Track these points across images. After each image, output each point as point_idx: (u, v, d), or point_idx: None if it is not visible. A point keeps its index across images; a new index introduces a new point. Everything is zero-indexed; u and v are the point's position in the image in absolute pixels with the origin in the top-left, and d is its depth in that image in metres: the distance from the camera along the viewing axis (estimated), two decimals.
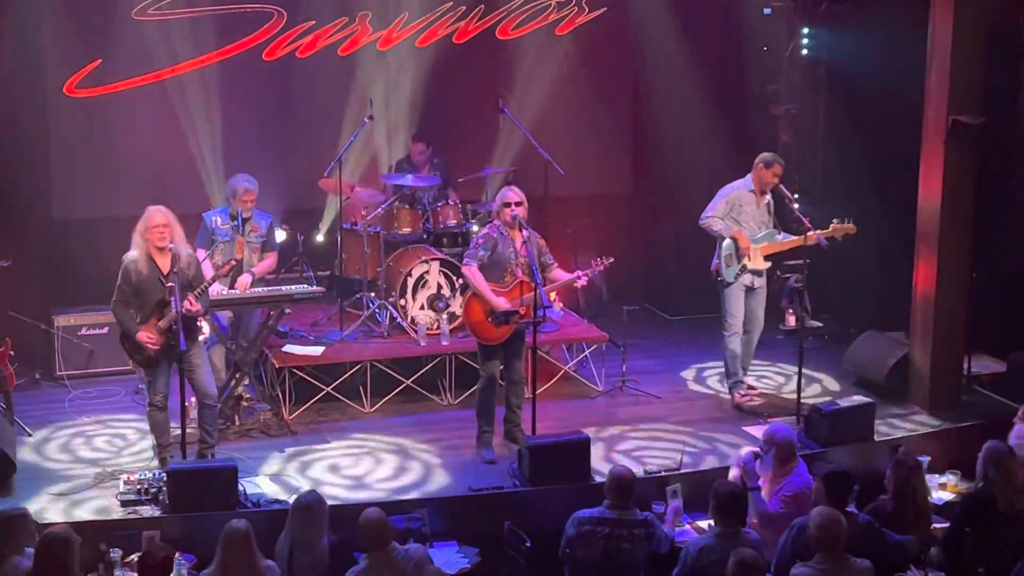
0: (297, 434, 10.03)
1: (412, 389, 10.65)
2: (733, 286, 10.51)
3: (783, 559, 7.56)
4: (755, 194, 10.47)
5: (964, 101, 10.12)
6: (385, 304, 11.05)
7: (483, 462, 9.57)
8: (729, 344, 10.59)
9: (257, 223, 10.19)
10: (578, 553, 7.80)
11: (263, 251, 10.26)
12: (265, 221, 10.25)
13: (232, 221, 10.10)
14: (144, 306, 9.00)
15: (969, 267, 10.51)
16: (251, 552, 7.17)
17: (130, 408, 10.50)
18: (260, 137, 12.03)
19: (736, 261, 10.44)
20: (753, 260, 10.42)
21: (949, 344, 10.55)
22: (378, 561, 7.27)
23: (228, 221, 10.12)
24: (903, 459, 8.19)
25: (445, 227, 11.48)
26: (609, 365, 11.14)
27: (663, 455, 9.56)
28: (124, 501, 8.65)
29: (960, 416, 10.35)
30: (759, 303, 10.63)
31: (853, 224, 10.27)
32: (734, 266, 10.46)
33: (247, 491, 8.72)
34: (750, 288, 10.53)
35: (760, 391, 10.79)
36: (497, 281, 9.50)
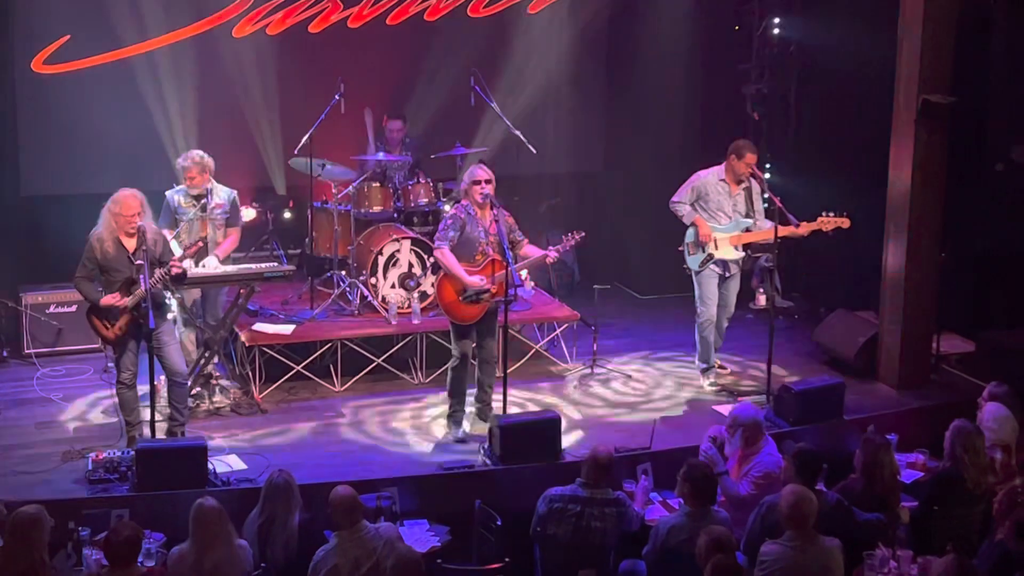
0: (267, 412, 10.00)
1: (383, 368, 10.63)
2: (704, 273, 10.45)
3: (752, 537, 7.60)
4: (727, 183, 10.39)
5: (935, 81, 10.14)
6: (356, 283, 11.02)
7: (454, 441, 9.56)
8: (700, 331, 10.58)
9: (219, 199, 10.12)
10: (549, 531, 7.81)
11: (227, 227, 10.18)
12: (228, 196, 10.17)
13: (193, 199, 10.03)
14: (111, 284, 8.95)
15: (939, 247, 10.55)
16: (226, 527, 7.16)
17: (99, 386, 10.45)
18: (229, 115, 11.96)
19: (699, 250, 10.40)
20: (720, 249, 10.36)
21: (918, 323, 10.59)
22: (348, 539, 7.26)
23: (190, 200, 10.05)
24: (872, 438, 8.23)
25: (416, 206, 11.45)
26: (580, 344, 11.15)
27: (633, 434, 9.56)
28: (92, 479, 8.61)
29: (929, 395, 10.41)
30: (731, 290, 10.57)
31: (847, 218, 10.15)
32: (697, 254, 10.42)
33: (217, 470, 8.70)
34: (723, 276, 10.48)
35: (731, 371, 10.77)
36: (468, 261, 9.48)
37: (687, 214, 10.39)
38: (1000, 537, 7.23)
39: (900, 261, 10.47)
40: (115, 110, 11.64)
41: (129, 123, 11.63)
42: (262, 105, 12.10)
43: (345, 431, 9.80)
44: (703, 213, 10.39)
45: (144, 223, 8.92)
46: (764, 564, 7.16)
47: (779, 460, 8.36)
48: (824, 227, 10.19)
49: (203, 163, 10.00)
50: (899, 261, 10.49)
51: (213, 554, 7.11)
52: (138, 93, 11.68)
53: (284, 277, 10.18)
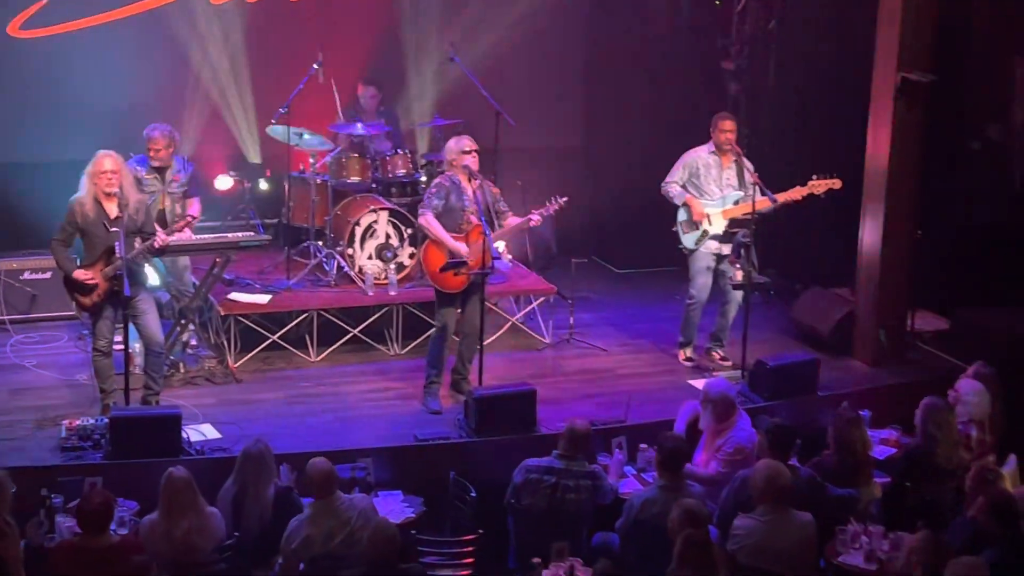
0: (242, 382, 9.99)
1: (359, 339, 10.62)
2: (698, 254, 10.40)
3: (725, 511, 7.63)
4: (718, 156, 10.38)
5: (913, 59, 10.15)
6: (332, 253, 10.99)
7: (429, 412, 9.57)
8: (687, 311, 10.55)
9: (177, 172, 10.07)
10: (524, 502, 7.84)
11: (185, 199, 10.13)
12: (186, 170, 10.13)
13: (154, 171, 9.99)
14: (91, 250, 8.91)
15: (915, 224, 10.59)
16: (196, 497, 7.17)
17: (73, 353, 10.41)
18: (208, 82, 11.88)
19: (693, 228, 10.39)
20: (714, 225, 10.33)
21: (892, 300, 10.63)
22: (323, 509, 7.27)
23: (151, 172, 10.01)
24: (844, 413, 8.27)
25: (394, 176, 11.41)
26: (556, 317, 11.15)
27: (609, 407, 9.58)
28: (66, 447, 8.58)
29: (903, 372, 10.46)
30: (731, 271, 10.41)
31: (838, 179, 10.15)
32: (691, 233, 10.40)
33: (191, 439, 8.68)
34: (719, 256, 10.41)
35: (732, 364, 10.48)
36: (453, 230, 9.47)
37: (677, 195, 10.36)
38: (971, 514, 7.28)
39: (876, 238, 10.50)
40: (92, 76, 11.55)
41: (107, 90, 11.54)
42: (241, 73, 12.02)
43: (320, 401, 9.79)
44: (694, 190, 10.36)
45: (126, 188, 8.88)
46: (736, 538, 7.20)
47: (752, 435, 8.39)
48: (816, 190, 10.19)
49: (171, 137, 9.98)
50: (875, 238, 10.51)
51: (182, 523, 7.12)
52: (116, 59, 11.58)
53: (260, 247, 10.16)
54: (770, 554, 7.09)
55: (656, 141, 12.06)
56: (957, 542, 7.23)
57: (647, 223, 11.96)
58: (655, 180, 10.62)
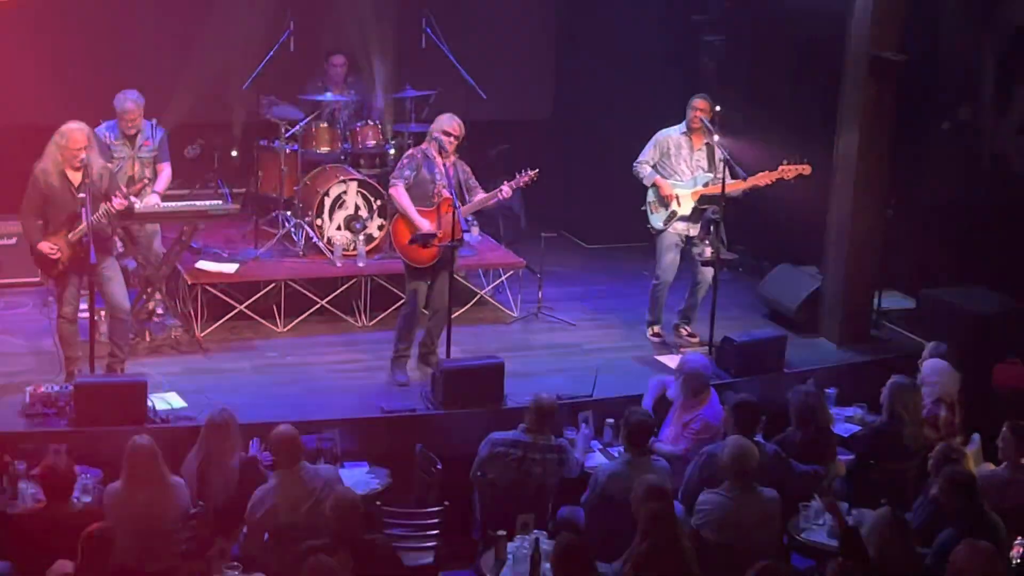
0: (208, 351, 9.95)
1: (326, 310, 10.58)
2: (665, 235, 10.38)
3: (690, 486, 7.66)
4: (689, 138, 10.37)
5: (886, 38, 10.17)
6: (301, 223, 10.95)
7: (396, 384, 9.55)
8: (653, 291, 10.54)
9: (147, 137, 10.00)
10: (489, 475, 7.84)
11: (155, 164, 10.07)
12: (157, 135, 10.05)
13: (125, 137, 9.91)
14: (55, 217, 8.85)
15: (883, 204, 10.62)
16: (158, 466, 7.14)
17: (38, 320, 10.33)
18: (177, 48, 11.77)
19: (661, 208, 10.38)
20: (683, 206, 10.31)
21: (860, 279, 10.67)
22: (287, 479, 7.26)
23: (120, 138, 9.93)
24: (806, 390, 8.31)
25: (364, 147, 11.37)
26: (525, 291, 11.15)
27: (575, 381, 9.59)
28: (30, 413, 8.53)
29: (869, 350, 10.51)
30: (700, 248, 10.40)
31: (808, 164, 10.13)
32: (659, 212, 10.39)
33: (156, 407, 8.64)
34: (688, 237, 10.38)
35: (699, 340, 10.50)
36: (424, 201, 9.45)
37: (647, 176, 10.34)
38: (934, 492, 7.33)
39: (845, 217, 10.53)
40: (55, 41, 11.42)
41: (72, 54, 11.43)
42: (209, 40, 11.90)
43: (287, 372, 9.76)
44: (664, 171, 10.34)
45: (91, 157, 8.81)
46: (701, 513, 7.23)
47: (720, 412, 8.43)
48: (786, 175, 10.17)
49: (141, 103, 9.90)
50: (844, 217, 10.55)
51: (142, 492, 7.10)
52: (81, 23, 11.46)
53: (228, 215, 10.11)
54: (734, 529, 7.12)
55: (628, 117, 12.03)
56: (919, 520, 7.30)
57: (617, 199, 11.92)
58: (626, 156, 10.61)
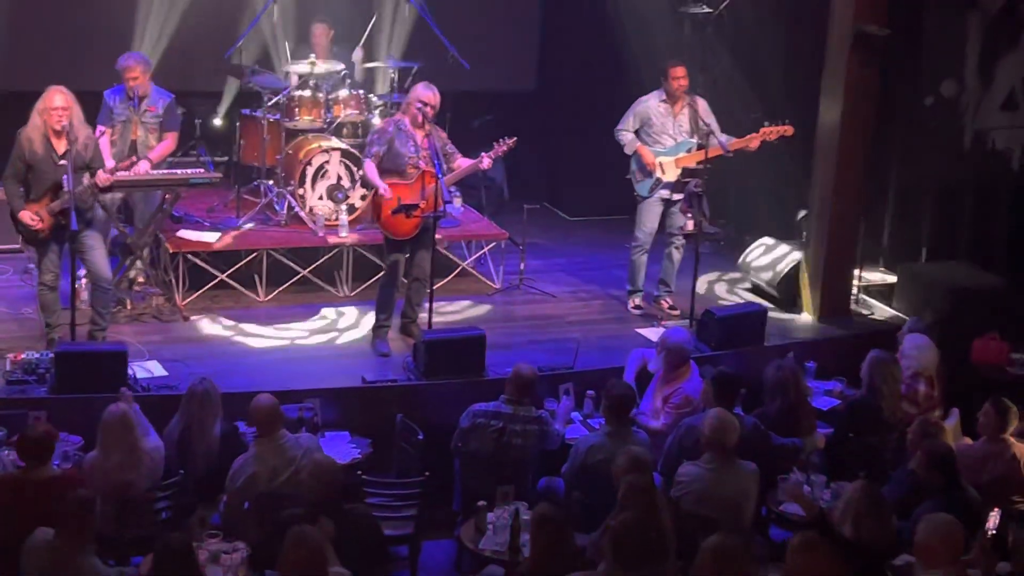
0: (189, 320, 9.93)
1: (308, 279, 10.57)
2: (648, 201, 10.41)
3: (670, 457, 7.70)
4: (668, 104, 10.37)
5: (870, 12, 10.16)
6: (283, 193, 10.92)
7: (378, 354, 9.56)
8: (632, 255, 10.58)
9: (154, 103, 9.95)
10: (470, 446, 7.86)
11: (161, 131, 10.03)
12: (163, 100, 10.00)
13: (128, 100, 9.87)
14: (38, 185, 8.81)
15: (864, 178, 10.63)
16: (129, 432, 7.15)
17: (18, 287, 10.30)
18: (162, 15, 11.69)
19: (645, 176, 10.39)
20: (667, 173, 10.31)
21: (841, 254, 10.69)
22: (267, 448, 7.27)
23: (125, 100, 9.89)
24: (784, 363, 8.34)
25: (346, 117, 11.33)
26: (507, 263, 11.15)
27: (556, 353, 9.61)
28: (10, 380, 8.52)
29: (848, 325, 10.55)
30: (677, 221, 10.48)
31: (790, 125, 10.17)
32: (645, 181, 10.40)
33: (137, 375, 8.63)
34: (668, 201, 10.43)
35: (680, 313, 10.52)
36: (398, 175, 9.43)
37: (629, 143, 10.35)
38: (912, 466, 7.38)
39: (826, 191, 10.55)
40: (44, 7, 11.36)
41: (59, 20, 11.36)
42: (193, 6, 11.85)
43: (268, 341, 9.75)
44: (647, 138, 10.35)
45: (76, 125, 8.77)
46: (681, 484, 7.26)
47: (699, 385, 8.44)
48: (768, 137, 10.19)
49: (147, 63, 9.87)
50: (825, 191, 10.56)
51: (113, 457, 7.12)
52: None
53: (210, 184, 10.07)
54: (713, 501, 7.15)
55: (611, 88, 12.01)
56: (897, 494, 7.33)
57: (600, 171, 11.93)
58: (610, 127, 10.60)
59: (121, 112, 9.89)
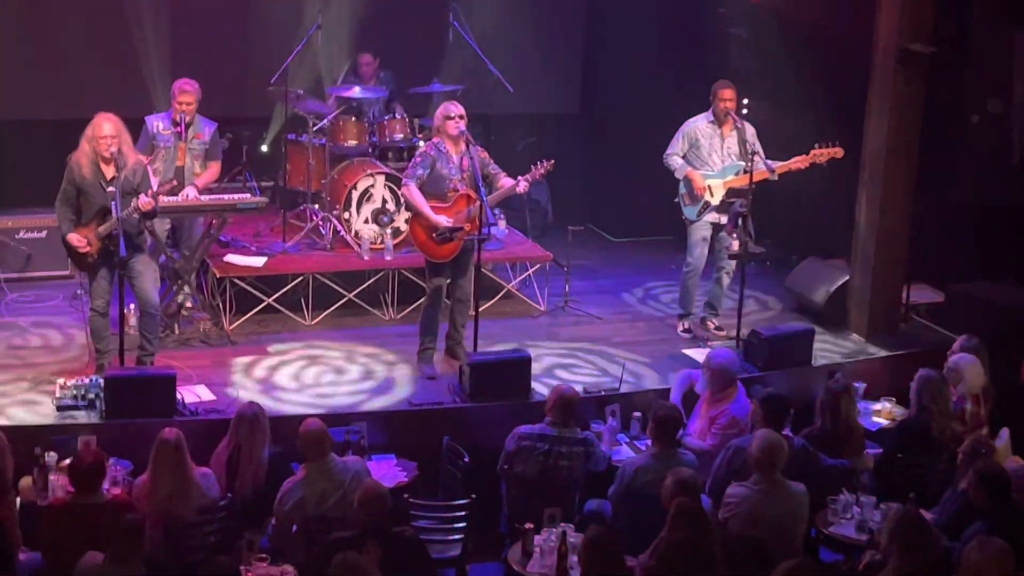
0: (237, 344, 9.98)
1: (354, 303, 10.61)
2: (696, 224, 10.37)
3: (718, 479, 7.66)
4: (717, 126, 10.35)
5: (915, 30, 10.11)
6: (329, 217, 10.97)
7: (424, 377, 9.57)
8: (684, 279, 10.53)
9: (200, 130, 10.04)
10: (516, 468, 7.85)
11: (206, 160, 10.12)
12: (209, 128, 10.10)
13: (175, 127, 9.95)
14: (87, 209, 8.90)
15: (912, 197, 10.57)
16: (181, 460, 7.18)
17: (68, 312, 10.39)
18: (206, 42, 11.81)
19: (693, 200, 10.36)
20: (716, 197, 10.27)
21: (889, 273, 10.63)
22: (316, 472, 7.29)
23: (170, 127, 9.97)
24: (833, 384, 8.29)
25: (391, 141, 11.38)
26: (552, 285, 11.15)
27: (602, 375, 9.59)
28: (60, 406, 8.58)
29: (897, 344, 10.46)
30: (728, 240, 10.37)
31: (840, 147, 10.13)
32: (692, 205, 10.37)
33: (185, 400, 8.68)
34: (717, 225, 10.36)
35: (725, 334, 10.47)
36: (439, 198, 9.45)
37: (679, 168, 10.31)
38: (963, 486, 7.30)
39: (873, 210, 10.49)
40: (87, 33, 11.49)
41: (106, 48, 11.48)
42: (239, 35, 11.96)
43: (315, 365, 9.78)
44: (695, 160, 10.32)
45: (125, 151, 8.85)
46: (729, 506, 7.22)
47: (746, 406, 8.40)
48: (818, 159, 10.16)
49: (199, 90, 9.95)
50: (872, 210, 10.50)
51: (164, 485, 7.15)
52: (113, 17, 11.50)
53: (257, 209, 10.12)
54: (762, 523, 7.10)
55: (654, 110, 12.00)
56: (948, 514, 7.27)
57: (644, 192, 11.93)
58: (653, 148, 10.60)
59: (166, 138, 9.97)
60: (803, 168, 10.20)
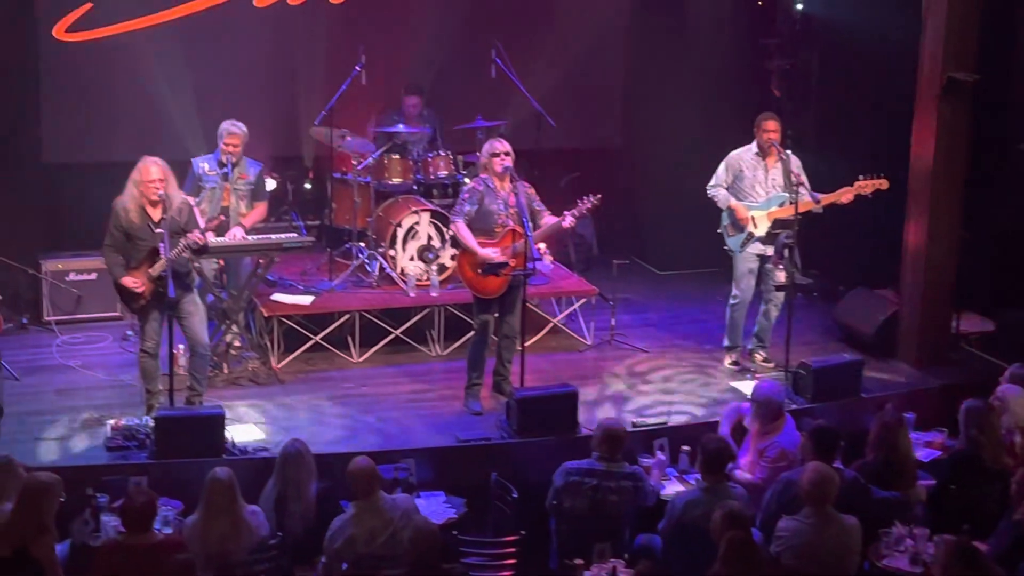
0: (285, 383, 10.03)
1: (401, 339, 10.64)
2: (742, 256, 10.33)
3: (769, 513, 7.60)
4: (760, 157, 10.34)
5: (959, 58, 10.08)
6: (374, 254, 11.03)
7: (471, 413, 9.57)
8: (730, 312, 10.50)
9: (246, 171, 10.13)
10: (565, 504, 7.83)
11: (252, 200, 10.20)
12: (254, 169, 10.19)
13: (221, 168, 10.04)
14: (136, 253, 8.98)
15: (960, 225, 10.51)
16: (234, 500, 7.20)
17: (118, 354, 10.48)
18: (252, 84, 11.93)
19: (737, 231, 10.34)
20: (760, 228, 10.25)
21: (938, 302, 10.56)
22: (365, 509, 7.29)
23: (216, 168, 10.06)
24: (886, 415, 8.23)
25: (436, 178, 11.43)
26: (598, 319, 11.14)
27: (650, 409, 9.56)
28: (111, 447, 8.65)
29: (947, 374, 10.38)
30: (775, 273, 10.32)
31: (885, 179, 10.08)
32: (736, 236, 10.35)
33: (234, 439, 8.72)
34: (763, 256, 10.33)
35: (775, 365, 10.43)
36: (487, 234, 9.47)
37: (723, 199, 10.29)
38: (1017, 517, 7.22)
39: (921, 239, 10.43)
40: (136, 78, 11.60)
41: (150, 91, 11.59)
42: (283, 75, 12.07)
43: (362, 402, 9.81)
44: (739, 192, 10.29)
45: (170, 192, 8.93)
46: (781, 540, 7.17)
47: (796, 439, 8.36)
48: (863, 191, 10.10)
49: (246, 132, 10.03)
50: (920, 239, 10.44)
51: (217, 525, 7.17)
52: (159, 61, 11.61)
53: (303, 248, 10.18)
54: (814, 556, 7.05)
55: (698, 141, 12.01)
56: (1003, 545, 7.19)
57: (688, 224, 11.91)
58: (697, 181, 10.59)
59: (212, 179, 10.06)
60: (846, 201, 10.15)
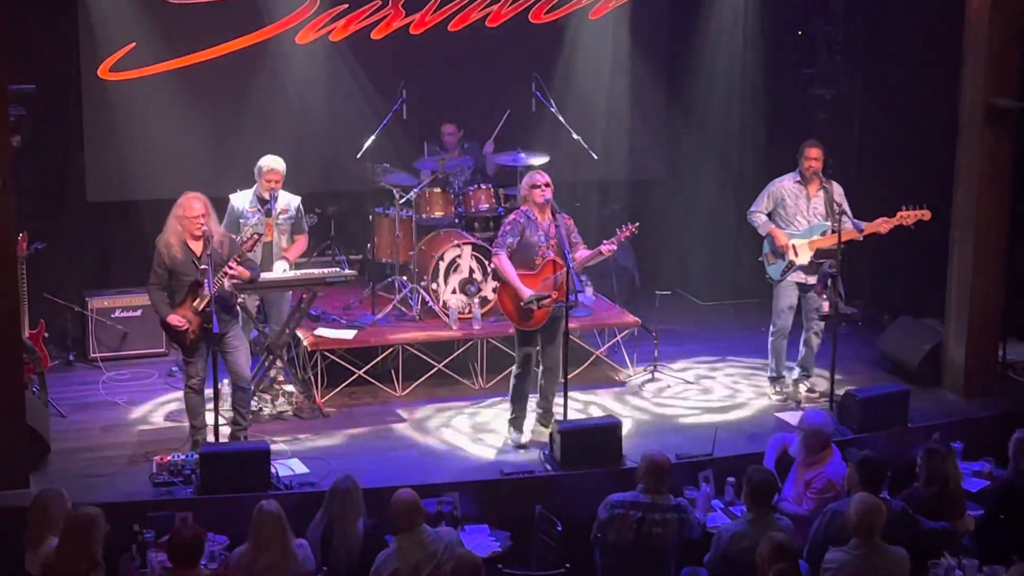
0: (329, 417, 10.05)
1: (443, 373, 10.65)
2: (783, 285, 10.31)
3: (816, 544, 7.54)
4: (803, 186, 10.32)
5: (1001, 85, 10.03)
6: (417, 288, 11.06)
7: (515, 446, 9.56)
8: (773, 342, 10.48)
9: (285, 205, 10.19)
10: (610, 537, 7.79)
11: (292, 233, 10.25)
12: (293, 203, 10.25)
13: (263, 204, 10.10)
14: (180, 289, 9.04)
15: (1005, 253, 10.43)
16: (283, 531, 7.22)
17: (163, 390, 10.54)
18: (293, 120, 12.00)
19: (777, 259, 10.31)
20: (800, 256, 10.23)
21: (984, 331, 10.47)
22: (409, 543, 7.28)
23: (256, 204, 10.12)
24: (935, 446, 8.16)
25: (477, 211, 11.47)
26: (641, 350, 11.11)
27: (695, 441, 9.52)
28: (157, 482, 8.69)
29: (994, 403, 10.29)
30: (813, 303, 10.33)
31: (927, 209, 10.01)
32: (776, 263, 10.32)
33: (279, 473, 8.75)
34: (804, 285, 10.31)
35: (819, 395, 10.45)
36: (527, 266, 9.48)
37: (762, 225, 10.29)
38: None
39: (966, 268, 10.36)
40: (180, 116, 11.72)
41: (193, 129, 11.70)
42: (324, 111, 12.15)
43: (406, 436, 9.82)
44: (780, 221, 10.28)
45: (211, 226, 9.00)
46: (828, 571, 7.11)
47: (842, 470, 8.29)
48: (905, 221, 10.05)
49: (284, 168, 10.09)
50: (965, 268, 10.37)
51: (264, 557, 7.18)
52: (202, 99, 11.74)
53: (346, 282, 10.23)
54: None
55: (739, 172, 12.00)
56: None
57: (730, 255, 11.90)
58: (739, 212, 10.58)
59: (252, 215, 10.12)
60: (885, 231, 10.08)
